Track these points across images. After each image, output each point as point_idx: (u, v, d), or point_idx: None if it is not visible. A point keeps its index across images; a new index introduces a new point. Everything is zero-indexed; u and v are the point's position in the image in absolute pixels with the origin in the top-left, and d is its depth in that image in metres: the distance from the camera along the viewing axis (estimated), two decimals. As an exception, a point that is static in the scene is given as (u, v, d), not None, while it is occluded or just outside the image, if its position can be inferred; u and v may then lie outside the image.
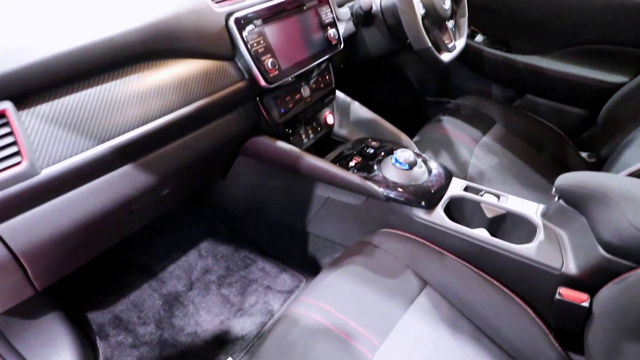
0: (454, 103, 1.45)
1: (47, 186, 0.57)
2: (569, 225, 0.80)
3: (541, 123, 1.40)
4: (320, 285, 0.79)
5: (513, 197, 0.91)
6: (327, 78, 1.08)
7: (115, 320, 1.10)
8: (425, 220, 0.87)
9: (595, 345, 0.67)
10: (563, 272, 0.75)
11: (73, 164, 0.59)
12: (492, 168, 1.18)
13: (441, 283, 0.79)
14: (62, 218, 0.61)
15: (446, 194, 0.91)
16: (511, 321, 0.76)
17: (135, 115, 0.66)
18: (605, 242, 0.69)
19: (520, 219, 0.87)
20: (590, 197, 0.74)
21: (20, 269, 0.62)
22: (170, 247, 1.29)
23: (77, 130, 0.60)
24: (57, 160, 0.58)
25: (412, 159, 0.92)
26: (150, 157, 0.71)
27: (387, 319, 0.73)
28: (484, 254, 0.83)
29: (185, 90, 0.73)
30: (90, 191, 0.63)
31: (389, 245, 0.85)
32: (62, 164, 0.58)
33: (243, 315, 1.11)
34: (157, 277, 1.21)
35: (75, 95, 0.60)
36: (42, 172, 0.56)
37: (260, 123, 0.94)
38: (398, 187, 0.89)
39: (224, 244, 1.30)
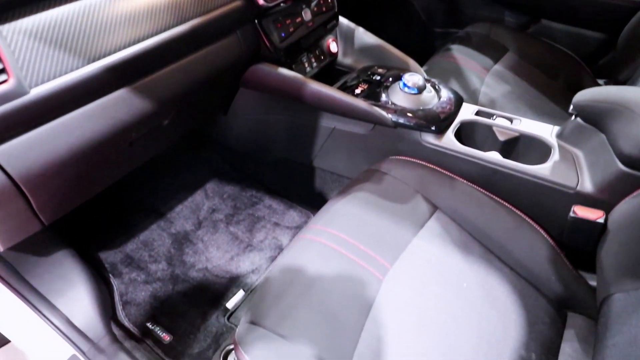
0: (464, 31, 1.37)
1: (39, 107, 0.55)
2: (586, 143, 0.77)
3: (557, 49, 1.33)
4: (329, 212, 0.78)
5: (526, 120, 0.88)
6: (329, 1, 1.01)
7: (126, 259, 1.11)
8: (435, 146, 0.85)
9: (608, 260, 0.66)
10: (578, 191, 0.73)
11: (63, 84, 0.56)
12: (503, 96, 1.14)
13: (451, 207, 0.78)
14: (59, 143, 0.59)
15: (457, 118, 0.88)
16: (522, 242, 0.75)
17: (126, 34, 0.62)
18: (624, 156, 0.66)
19: (534, 140, 0.84)
20: (611, 111, 0.70)
21: (22, 197, 0.61)
22: (177, 188, 1.28)
23: (64, 48, 0.56)
24: (46, 79, 0.55)
25: (421, 83, 0.88)
26: (146, 80, 0.68)
27: (397, 243, 0.72)
28: (496, 177, 0.80)
29: (177, 9, 0.68)
30: (85, 115, 0.61)
31: (397, 172, 0.83)
32: (52, 83, 0.55)
33: (252, 250, 1.12)
34: (165, 218, 1.21)
35: (59, 9, 0.56)
36: (31, 91, 0.54)
37: (261, 49, 0.89)
38: (407, 112, 0.85)
39: (229, 184, 1.29)
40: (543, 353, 0.62)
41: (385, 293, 0.65)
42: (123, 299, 1.01)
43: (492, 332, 0.62)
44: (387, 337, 0.60)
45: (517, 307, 0.66)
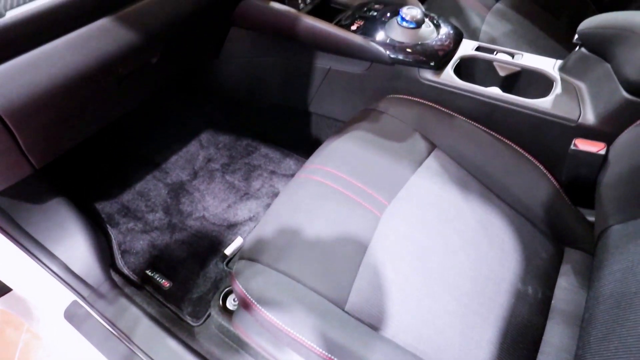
0: (465, -32, 1.30)
1: (17, 32, 0.52)
2: (590, 74, 0.75)
3: (561, -14, 1.27)
4: (325, 151, 0.77)
5: (528, 54, 0.85)
6: None
7: (123, 209, 1.10)
8: (433, 82, 0.82)
9: (607, 192, 0.65)
10: (580, 123, 0.72)
11: (41, 6, 0.53)
12: (505, 35, 1.10)
13: (450, 145, 0.76)
14: (41, 73, 0.56)
15: (456, 54, 0.85)
16: (522, 179, 0.74)
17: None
18: (630, 82, 0.64)
19: (536, 74, 0.81)
20: (617, 37, 0.67)
21: (8, 133, 0.59)
22: (171, 139, 1.26)
23: None
24: (22, 2, 0.51)
25: (420, 17, 0.84)
26: (130, 9, 0.64)
27: (395, 180, 0.71)
28: (496, 113, 0.79)
29: None
30: (67, 44, 0.58)
31: (395, 110, 0.81)
32: (29, 6, 0.52)
33: (249, 198, 1.11)
34: (161, 168, 1.19)
35: None
36: (7, 14, 0.50)
37: (250, -19, 0.84)
38: (404, 48, 0.82)
39: (224, 134, 1.26)
40: (540, 286, 0.62)
41: (383, 229, 0.65)
42: (121, 248, 1.01)
43: (490, 266, 0.63)
44: (385, 272, 0.60)
45: (514, 243, 0.66)
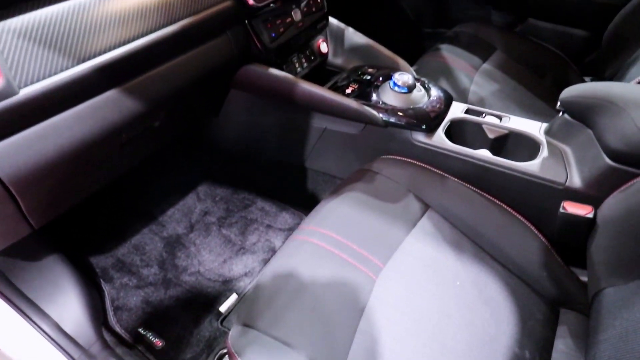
0: (453, 31, 1.38)
1: (29, 108, 0.54)
2: (574, 139, 0.78)
3: (543, 47, 1.35)
4: (321, 213, 0.78)
5: (515, 117, 0.89)
6: (319, 2, 1.01)
7: (118, 264, 1.10)
8: (425, 144, 0.85)
9: (598, 255, 0.67)
10: (567, 186, 0.74)
11: (53, 84, 0.56)
12: (493, 94, 1.15)
13: (443, 205, 0.78)
14: (48, 144, 0.59)
15: (447, 117, 0.89)
16: (514, 239, 0.75)
17: (116, 34, 0.61)
18: (612, 150, 0.67)
19: (523, 137, 0.85)
20: (597, 106, 0.71)
21: (11, 199, 0.60)
22: (168, 191, 1.27)
23: (54, 48, 0.56)
24: (35, 80, 0.54)
25: (411, 82, 0.88)
26: (136, 81, 0.67)
27: (389, 242, 0.72)
28: (487, 174, 0.81)
29: (167, 9, 0.68)
30: (75, 116, 0.60)
31: (389, 171, 0.84)
32: (42, 84, 0.55)
33: (245, 253, 1.12)
34: (157, 221, 1.20)
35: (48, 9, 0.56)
36: (20, 91, 0.53)
37: (251, 49, 0.89)
38: (397, 112, 0.86)
39: (222, 186, 1.28)
40: (537, 350, 0.62)
41: (379, 293, 0.65)
42: (114, 304, 1.00)
43: (486, 329, 0.63)
44: (381, 337, 0.60)
45: (509, 305, 0.67)
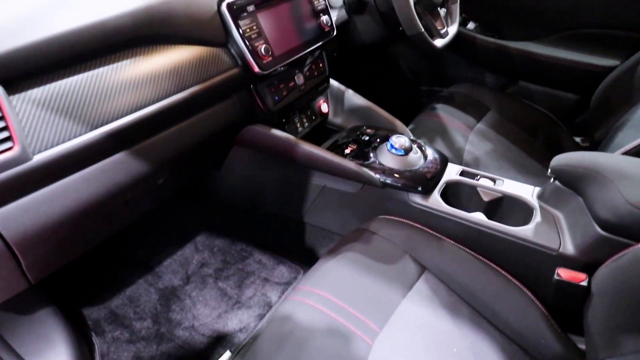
0: (448, 91, 1.45)
1: (40, 172, 0.56)
2: (566, 205, 0.81)
3: (534, 109, 1.41)
4: (318, 273, 0.79)
5: (509, 180, 0.92)
6: (321, 66, 1.07)
7: (111, 316, 1.08)
8: (422, 206, 0.87)
9: (595, 325, 0.67)
10: (561, 253, 0.76)
11: (65, 150, 0.58)
12: (487, 154, 1.19)
13: (439, 268, 0.79)
14: (55, 206, 0.60)
15: (442, 178, 0.91)
16: (510, 304, 0.76)
17: (129, 101, 0.65)
18: (602, 220, 0.69)
19: (517, 201, 0.87)
20: (586, 176, 0.74)
21: (13, 259, 0.61)
22: (166, 240, 1.28)
23: (69, 116, 0.59)
24: (49, 146, 0.57)
25: (408, 145, 0.92)
26: (145, 144, 0.70)
27: (386, 305, 0.73)
28: (482, 238, 0.83)
29: (178, 77, 0.72)
30: (83, 178, 0.62)
31: (386, 232, 0.85)
32: (55, 150, 0.57)
33: (241, 308, 1.10)
34: (153, 272, 1.19)
35: (67, 80, 0.59)
36: (34, 157, 0.55)
37: (255, 111, 0.93)
38: (394, 173, 0.89)
39: (220, 237, 1.29)
40: None
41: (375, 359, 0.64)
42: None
43: (484, 398, 0.62)
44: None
45: (508, 372, 0.66)
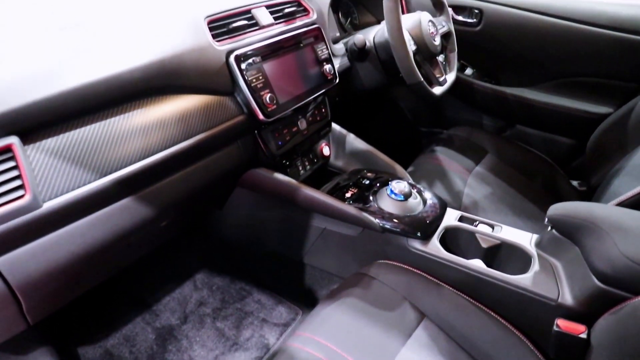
0: (447, 134, 1.48)
1: (48, 219, 0.58)
2: (563, 255, 0.81)
3: (532, 152, 1.44)
4: (318, 319, 0.79)
5: (507, 227, 0.93)
6: (323, 111, 1.11)
7: (106, 356, 1.07)
8: (421, 251, 0.88)
9: None
10: (560, 303, 0.76)
11: (74, 197, 0.60)
12: (486, 197, 1.20)
13: (439, 315, 0.79)
14: (61, 251, 0.61)
15: (441, 224, 0.92)
16: (510, 353, 0.75)
17: (137, 148, 0.67)
18: (599, 272, 0.70)
19: (515, 249, 0.88)
20: (582, 227, 0.75)
21: (15, 302, 0.61)
22: (166, 278, 1.27)
23: (80, 164, 0.61)
24: (59, 194, 0.59)
25: (407, 190, 0.94)
26: (150, 189, 0.72)
27: (385, 354, 0.72)
28: (481, 285, 0.83)
29: (185, 125, 0.75)
30: (89, 224, 0.64)
31: (385, 277, 0.86)
32: (64, 197, 0.59)
33: (238, 349, 1.09)
34: (151, 310, 1.19)
35: (80, 129, 0.62)
36: (44, 205, 0.57)
37: (258, 155, 0.96)
38: (394, 218, 0.90)
39: (220, 275, 1.29)
40: None
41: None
42: (97, 404, 0.96)
43: None
44: None
45: None
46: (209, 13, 0.82)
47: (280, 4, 0.98)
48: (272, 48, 0.89)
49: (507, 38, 1.46)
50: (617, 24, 1.26)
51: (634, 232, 0.69)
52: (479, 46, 1.52)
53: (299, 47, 0.96)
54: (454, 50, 1.28)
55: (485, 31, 1.48)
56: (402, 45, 1.00)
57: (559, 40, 1.36)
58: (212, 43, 0.80)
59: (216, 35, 0.82)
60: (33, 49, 0.62)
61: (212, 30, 0.82)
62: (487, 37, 1.49)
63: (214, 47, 0.80)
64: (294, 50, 0.95)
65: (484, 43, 1.51)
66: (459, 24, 1.50)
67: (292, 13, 0.99)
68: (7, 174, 0.54)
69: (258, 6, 0.92)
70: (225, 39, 0.83)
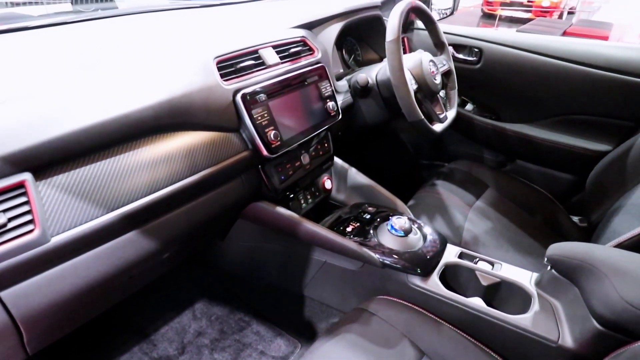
0: (448, 167, 1.50)
1: (55, 253, 0.59)
2: (563, 295, 0.81)
3: (532, 188, 1.45)
4: (317, 354, 0.78)
5: (507, 265, 0.93)
6: (326, 146, 1.13)
7: (103, 386, 1.06)
8: (421, 288, 0.88)
9: None
10: (560, 345, 0.75)
11: (82, 232, 0.61)
12: (486, 233, 1.21)
13: (438, 353, 0.79)
14: (65, 284, 0.63)
15: (441, 260, 0.93)
16: None
17: (144, 184, 0.69)
18: (598, 316, 0.70)
19: (515, 287, 0.88)
20: (581, 269, 0.76)
21: (17, 334, 0.62)
22: (165, 307, 1.27)
23: (89, 199, 0.63)
24: (67, 229, 0.60)
25: (407, 226, 0.95)
26: (155, 223, 0.73)
27: None
28: (481, 324, 0.83)
29: (192, 160, 0.77)
30: (94, 257, 0.65)
31: (385, 313, 0.86)
32: (72, 232, 0.60)
33: (236, 382, 1.08)
34: (149, 339, 1.18)
35: (89, 166, 0.64)
36: (52, 239, 0.58)
37: (261, 189, 0.98)
38: (394, 254, 0.91)
39: (219, 305, 1.28)
40: None
41: None
42: None
43: None
44: None
45: None
46: (218, 54, 0.86)
47: (286, 44, 1.02)
48: (277, 86, 0.93)
49: (507, 76, 1.50)
50: (614, 65, 1.30)
51: (632, 276, 0.70)
52: (479, 83, 1.56)
53: (303, 85, 1.00)
54: (455, 88, 1.32)
55: (485, 69, 1.52)
56: (403, 84, 1.03)
57: (557, 80, 1.40)
58: (220, 82, 0.84)
59: (224, 74, 0.85)
60: (50, 88, 0.65)
61: (221, 70, 0.85)
62: (487, 74, 1.53)
63: (221, 86, 0.84)
64: (299, 88, 0.98)
65: (484, 80, 1.55)
66: (459, 62, 1.54)
67: (298, 52, 1.03)
68: (18, 208, 0.56)
69: (265, 46, 0.97)
70: (232, 78, 0.87)
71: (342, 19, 1.26)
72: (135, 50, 0.82)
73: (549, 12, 8.35)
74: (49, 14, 1.08)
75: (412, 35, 1.64)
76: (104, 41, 0.86)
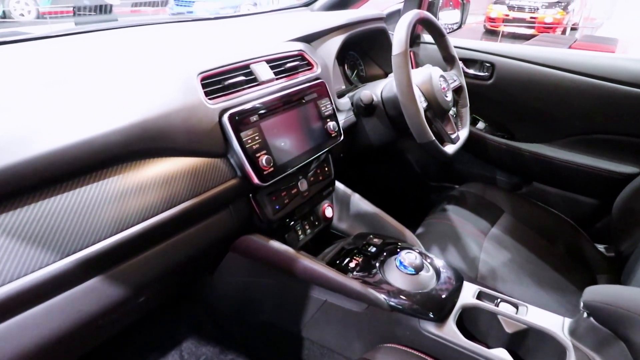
0: (459, 190, 1.39)
1: None
2: (605, 349, 0.69)
3: (551, 213, 1.33)
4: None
5: (533, 307, 0.81)
6: (326, 170, 1.03)
7: None
8: (435, 336, 0.76)
9: None
10: (605, 411, 0.63)
11: (27, 283, 0.51)
12: (504, 265, 1.09)
13: None
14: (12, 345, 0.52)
15: (458, 302, 0.81)
16: None
17: (109, 222, 0.59)
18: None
19: (546, 336, 0.76)
20: (627, 319, 0.64)
21: None
22: (149, 346, 1.15)
23: (39, 243, 0.52)
24: (9, 280, 0.50)
25: (419, 262, 0.84)
26: (123, 266, 0.62)
27: None
28: (507, 382, 0.71)
29: (169, 191, 0.66)
30: (45, 312, 0.54)
31: (394, 367, 0.74)
32: (14, 284, 0.50)
33: None
34: (130, 386, 1.06)
35: (41, 203, 0.54)
36: None
37: (253, 220, 0.87)
38: (403, 295, 0.79)
39: (208, 344, 1.16)
40: None
41: None
42: None
43: None
44: None
45: None
46: (203, 69, 0.76)
47: (282, 58, 0.93)
48: (270, 105, 0.83)
49: (521, 92, 1.40)
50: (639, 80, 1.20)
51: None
52: (492, 100, 1.46)
53: (301, 103, 0.90)
54: (466, 105, 1.22)
55: (497, 85, 1.42)
56: (412, 102, 0.93)
57: (577, 96, 1.30)
58: (204, 101, 0.74)
59: (209, 92, 0.76)
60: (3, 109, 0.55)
61: (205, 87, 0.75)
62: (500, 90, 1.43)
63: (205, 105, 0.74)
64: (295, 107, 0.88)
65: (496, 97, 1.45)
66: (470, 77, 1.45)
67: (295, 67, 0.94)
68: None
69: (258, 61, 0.87)
70: (219, 96, 0.77)
71: (344, 32, 1.17)
72: (110, 66, 0.73)
73: (552, 28, 8.35)
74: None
75: (419, 49, 1.55)
76: (78, 56, 0.77)
